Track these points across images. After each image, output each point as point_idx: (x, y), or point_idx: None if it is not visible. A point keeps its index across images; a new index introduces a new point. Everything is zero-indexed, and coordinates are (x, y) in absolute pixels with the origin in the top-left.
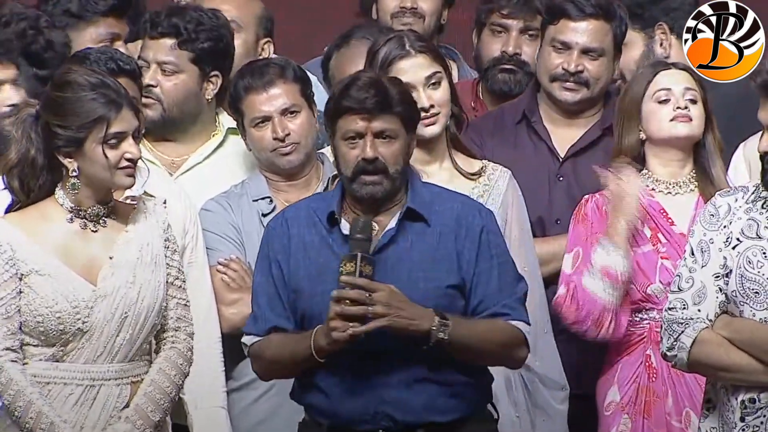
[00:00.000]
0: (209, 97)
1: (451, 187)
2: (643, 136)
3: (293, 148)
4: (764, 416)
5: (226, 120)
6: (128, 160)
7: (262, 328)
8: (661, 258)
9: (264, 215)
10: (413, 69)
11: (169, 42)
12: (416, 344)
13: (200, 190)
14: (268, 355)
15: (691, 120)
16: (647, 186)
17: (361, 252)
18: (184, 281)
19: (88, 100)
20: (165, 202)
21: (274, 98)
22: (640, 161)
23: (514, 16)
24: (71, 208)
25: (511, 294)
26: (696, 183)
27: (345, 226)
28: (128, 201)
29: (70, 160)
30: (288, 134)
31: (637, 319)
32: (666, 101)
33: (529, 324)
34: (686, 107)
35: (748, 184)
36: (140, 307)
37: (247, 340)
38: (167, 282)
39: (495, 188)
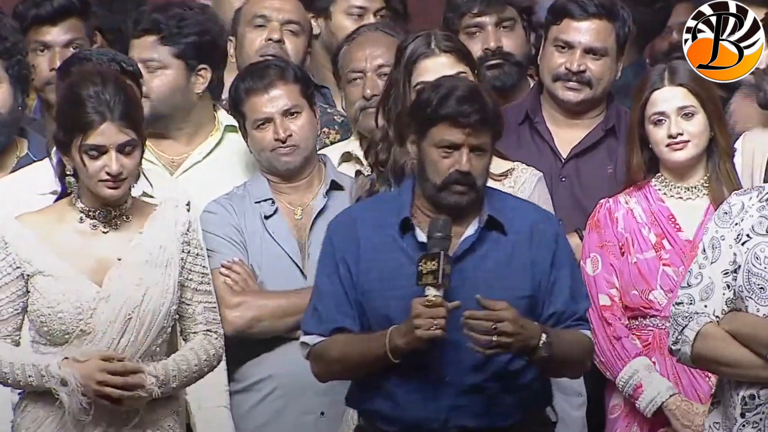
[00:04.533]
0: (199, 92)
1: None
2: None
3: (292, 150)
4: (763, 413)
5: (224, 117)
6: (108, 173)
7: (326, 328)
8: (663, 264)
9: (266, 217)
10: (436, 68)
11: (150, 39)
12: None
13: (200, 189)
14: (334, 355)
15: (687, 142)
16: (659, 190)
17: (442, 250)
18: (209, 284)
19: (75, 106)
20: (188, 204)
21: (275, 99)
22: (652, 170)
23: (486, 12)
24: (82, 208)
25: (580, 301)
26: (708, 188)
27: (419, 233)
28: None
29: (67, 158)
30: (290, 135)
31: (642, 325)
32: (661, 123)
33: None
34: (679, 132)
35: (766, 184)
36: (145, 309)
37: (308, 339)
38: (191, 288)
39: (520, 191)
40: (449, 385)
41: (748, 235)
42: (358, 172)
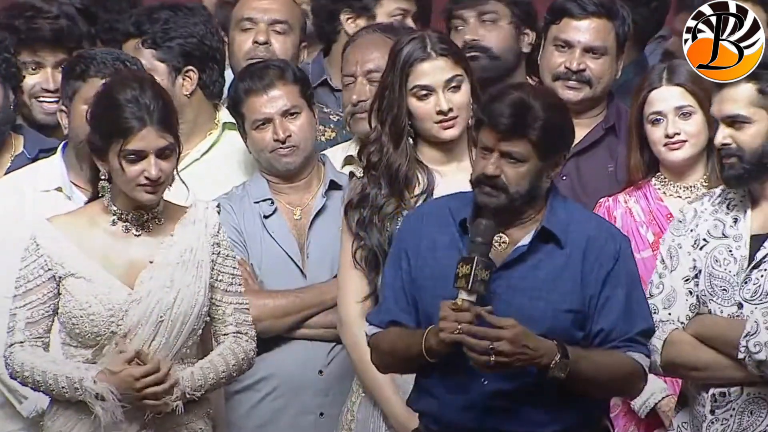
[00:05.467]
0: (187, 93)
1: (466, 187)
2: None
3: (292, 150)
4: (733, 409)
5: (224, 115)
6: (147, 178)
7: (383, 320)
8: None
9: (266, 217)
10: (433, 72)
11: (132, 43)
12: None
13: (198, 187)
14: (385, 347)
15: (685, 141)
16: (658, 189)
17: (479, 256)
18: (239, 285)
19: (114, 111)
20: (218, 206)
21: (274, 100)
22: (653, 169)
23: (466, 5)
24: (114, 211)
25: (634, 325)
26: (707, 188)
27: None
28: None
29: (101, 162)
30: (289, 136)
31: None
32: (658, 122)
33: (649, 356)
34: (677, 132)
35: (716, 189)
36: (177, 311)
37: (369, 330)
38: (221, 289)
39: None
40: (486, 388)
41: (704, 239)
42: (352, 174)
